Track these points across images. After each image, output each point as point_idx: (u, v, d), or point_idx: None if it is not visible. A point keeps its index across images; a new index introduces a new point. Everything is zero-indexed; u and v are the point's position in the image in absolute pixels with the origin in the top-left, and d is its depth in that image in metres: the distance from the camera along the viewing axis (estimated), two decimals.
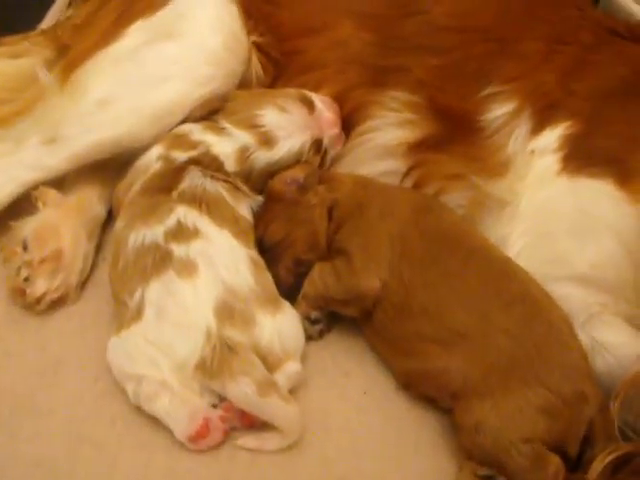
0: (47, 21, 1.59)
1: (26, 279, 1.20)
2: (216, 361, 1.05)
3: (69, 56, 1.35)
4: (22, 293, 1.20)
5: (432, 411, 1.15)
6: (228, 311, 1.09)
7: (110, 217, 1.33)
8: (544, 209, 1.23)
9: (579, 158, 1.22)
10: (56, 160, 1.27)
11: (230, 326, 1.08)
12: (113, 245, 1.21)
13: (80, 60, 1.32)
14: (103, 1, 1.42)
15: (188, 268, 1.11)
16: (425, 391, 1.14)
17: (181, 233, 1.15)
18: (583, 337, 1.13)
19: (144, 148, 1.28)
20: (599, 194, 1.19)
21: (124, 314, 1.13)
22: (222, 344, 1.06)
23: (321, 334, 1.23)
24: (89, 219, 1.30)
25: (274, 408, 1.05)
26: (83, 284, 1.26)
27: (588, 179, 1.20)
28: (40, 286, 1.20)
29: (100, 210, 1.33)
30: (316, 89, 1.35)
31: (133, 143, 1.28)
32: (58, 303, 1.22)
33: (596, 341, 1.13)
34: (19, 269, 1.20)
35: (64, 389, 1.13)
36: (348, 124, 1.35)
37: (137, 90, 1.28)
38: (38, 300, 1.20)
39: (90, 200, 1.32)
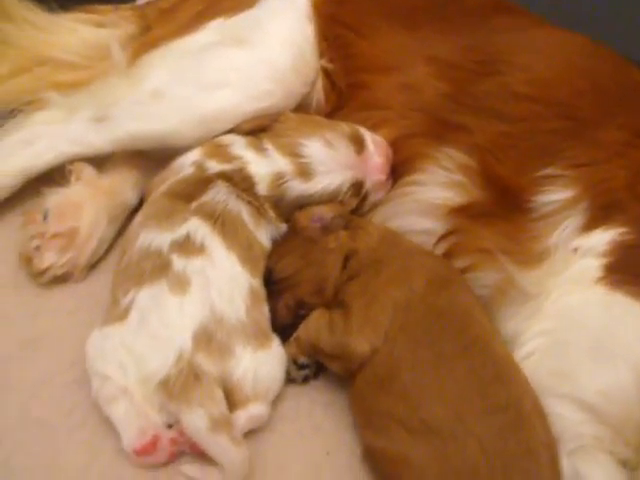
0: None
1: (36, 248, 1.22)
2: (179, 385, 1.04)
3: (145, 38, 1.36)
4: (29, 261, 1.23)
5: None
6: (207, 338, 1.07)
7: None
8: (570, 315, 1.13)
9: (623, 272, 1.11)
10: (99, 140, 1.28)
11: (204, 353, 1.06)
12: (125, 238, 1.21)
13: (152, 45, 1.33)
14: None
15: (181, 284, 1.10)
16: (382, 472, 1.08)
17: (186, 246, 1.13)
18: (566, 465, 1.03)
19: (185, 148, 1.27)
20: (631, 317, 1.08)
21: (113, 310, 1.13)
22: (190, 370, 1.05)
23: (305, 380, 1.19)
24: (117, 204, 1.31)
25: (220, 448, 1.02)
26: (93, 266, 1.28)
27: (625, 297, 1.09)
28: (47, 259, 1.22)
29: (131, 197, 1.33)
30: (374, 129, 1.30)
31: (175, 141, 1.27)
32: (61, 279, 1.24)
33: (579, 475, 1.03)
34: (32, 237, 1.23)
35: (38, 366, 1.15)
36: (397, 172, 1.29)
37: (192, 90, 1.28)
38: (42, 272, 1.22)
39: (123, 185, 1.32)
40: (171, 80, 1.28)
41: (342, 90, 1.35)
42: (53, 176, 1.30)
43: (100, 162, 1.33)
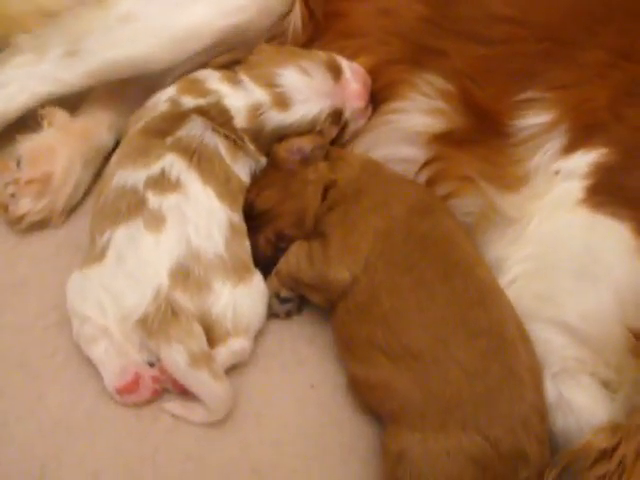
0: None
1: (11, 196, 1.20)
2: (157, 321, 1.03)
3: None
4: (5, 208, 1.21)
5: (373, 425, 1.09)
6: (184, 274, 1.06)
7: None
8: (552, 238, 1.11)
9: (605, 193, 1.09)
10: (72, 75, 1.24)
11: (181, 290, 1.05)
12: (101, 179, 1.20)
13: None
14: None
15: (157, 221, 1.08)
16: (366, 401, 1.08)
17: (161, 183, 1.11)
18: (550, 389, 1.03)
19: (162, 72, 1.24)
20: (613, 238, 1.06)
21: (91, 251, 1.12)
22: (167, 306, 1.04)
23: (288, 314, 1.18)
24: (91, 147, 1.28)
25: (201, 383, 1.03)
26: (72, 210, 1.26)
27: (607, 218, 1.07)
28: (23, 205, 1.20)
29: (106, 140, 1.30)
30: (353, 57, 1.26)
31: (150, 65, 1.24)
32: (40, 225, 1.23)
33: (562, 397, 1.03)
34: (7, 185, 1.21)
35: (19, 311, 1.14)
36: (377, 99, 1.26)
37: (161, 10, 1.24)
38: (19, 219, 1.21)
39: (98, 128, 1.30)
40: (139, 2, 1.24)
41: (318, 20, 1.30)
42: (27, 123, 1.27)
43: (75, 105, 1.31)
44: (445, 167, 1.20)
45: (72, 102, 1.30)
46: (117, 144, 1.29)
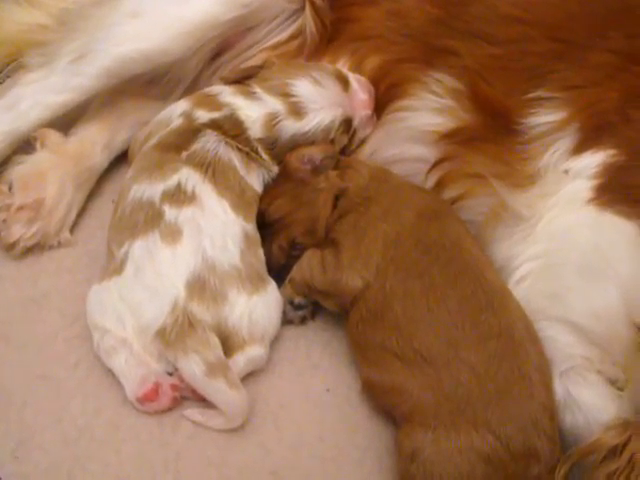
0: None
1: (3, 221, 1.22)
2: (174, 333, 1.06)
3: None
4: None
5: (387, 426, 1.11)
6: (200, 285, 1.09)
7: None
8: (561, 237, 1.13)
9: (613, 192, 1.11)
10: (84, 78, 1.27)
11: (197, 301, 1.08)
12: (119, 193, 1.22)
13: None
14: None
15: (173, 233, 1.11)
16: (380, 404, 1.11)
17: (177, 196, 1.14)
18: (558, 387, 1.06)
19: (175, 64, 1.30)
20: (621, 236, 1.08)
21: (110, 264, 1.15)
22: (184, 317, 1.07)
23: (303, 321, 1.21)
24: (84, 169, 1.30)
25: (218, 392, 1.06)
26: (89, 224, 1.29)
27: (615, 217, 1.09)
28: (15, 232, 1.22)
29: (100, 160, 1.33)
30: (364, 58, 1.30)
31: (162, 58, 1.27)
32: (35, 249, 1.24)
33: (570, 396, 1.05)
34: None
35: (42, 324, 1.18)
36: (387, 96, 1.28)
37: (168, 4, 1.27)
38: (12, 245, 1.22)
39: (92, 148, 1.32)
40: None
41: (327, 25, 1.33)
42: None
43: (71, 124, 1.34)
44: (455, 167, 1.22)
45: (67, 121, 1.32)
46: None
